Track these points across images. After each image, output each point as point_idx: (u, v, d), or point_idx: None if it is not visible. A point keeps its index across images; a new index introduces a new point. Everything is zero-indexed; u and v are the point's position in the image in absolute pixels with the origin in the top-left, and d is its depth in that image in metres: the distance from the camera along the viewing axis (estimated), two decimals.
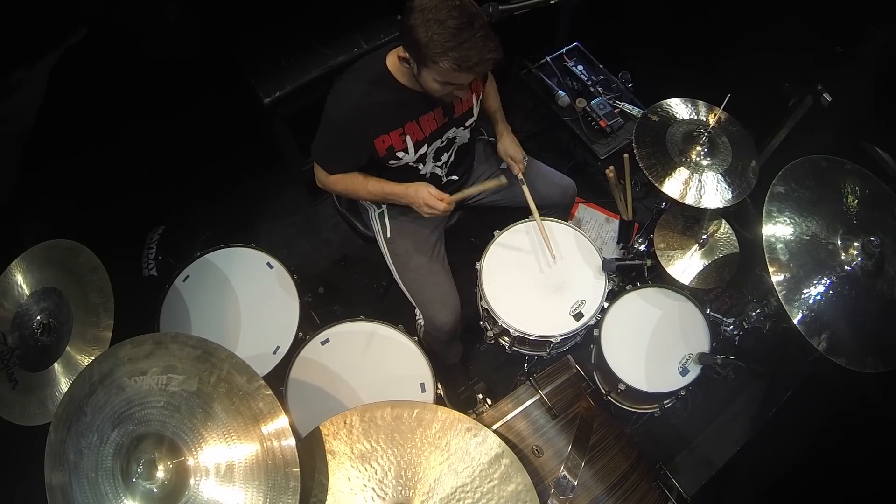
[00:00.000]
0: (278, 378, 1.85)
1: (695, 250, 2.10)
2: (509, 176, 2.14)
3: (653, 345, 1.98)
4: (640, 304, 2.06)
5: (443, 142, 1.93)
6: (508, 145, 2.08)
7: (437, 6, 1.51)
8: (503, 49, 1.59)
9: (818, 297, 1.57)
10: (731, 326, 2.04)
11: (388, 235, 2.10)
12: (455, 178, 2.09)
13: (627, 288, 2.08)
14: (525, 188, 2.07)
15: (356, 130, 1.77)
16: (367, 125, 1.77)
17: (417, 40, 1.54)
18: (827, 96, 2.32)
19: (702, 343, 1.97)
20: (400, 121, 1.80)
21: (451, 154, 2.00)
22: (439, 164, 1.98)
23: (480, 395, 1.86)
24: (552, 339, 1.94)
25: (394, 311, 2.24)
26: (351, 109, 1.75)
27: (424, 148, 1.88)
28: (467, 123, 1.94)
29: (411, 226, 2.09)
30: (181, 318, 1.98)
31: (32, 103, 1.99)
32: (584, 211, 2.85)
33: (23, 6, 1.82)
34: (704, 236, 2.08)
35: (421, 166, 1.94)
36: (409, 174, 1.94)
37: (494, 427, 1.69)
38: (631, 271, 2.17)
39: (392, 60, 1.75)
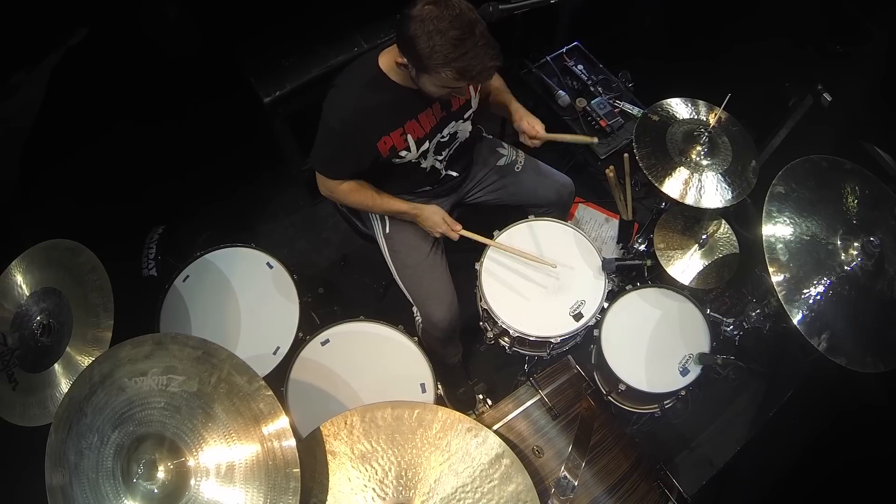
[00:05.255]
0: (278, 378, 1.85)
1: (695, 250, 2.10)
2: (509, 176, 2.14)
3: (653, 345, 1.98)
4: (640, 304, 2.06)
5: (444, 136, 1.92)
6: (525, 114, 1.96)
7: (437, 16, 1.49)
8: (503, 51, 1.59)
9: (818, 297, 1.57)
10: (731, 326, 2.04)
11: (388, 231, 2.10)
12: (454, 173, 2.09)
13: (627, 288, 2.08)
14: (556, 136, 1.94)
15: (357, 136, 1.76)
16: (367, 129, 1.76)
17: (418, 51, 1.53)
18: (827, 96, 2.33)
19: (702, 343, 1.97)
20: (399, 120, 1.79)
21: (452, 149, 2.01)
22: (440, 158, 1.98)
23: (481, 396, 1.86)
24: (552, 340, 1.94)
25: (394, 312, 2.24)
26: (349, 115, 1.74)
27: (426, 144, 1.88)
28: (466, 115, 1.94)
29: (410, 222, 2.09)
30: (181, 318, 1.98)
31: (33, 103, 1.99)
32: (583, 211, 2.85)
33: (23, 7, 1.82)
34: (704, 236, 2.08)
35: (423, 161, 1.94)
36: (411, 170, 1.95)
37: (495, 427, 1.69)
38: (631, 271, 2.17)
39: (385, 61, 1.73)
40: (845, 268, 1.60)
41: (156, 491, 1.27)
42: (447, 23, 1.49)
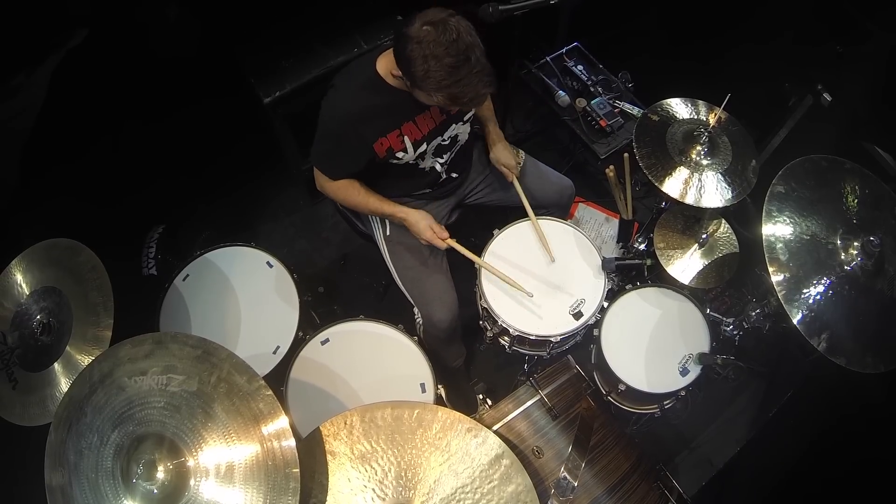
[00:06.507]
0: (278, 378, 1.85)
1: (694, 250, 2.10)
2: (505, 187, 2.14)
3: (653, 345, 1.98)
4: (639, 303, 2.05)
5: (445, 140, 1.93)
6: (500, 153, 2.08)
7: (434, 40, 1.50)
8: (503, 52, 1.59)
9: (818, 296, 1.56)
10: (731, 326, 2.03)
11: (388, 234, 2.10)
12: (454, 175, 2.09)
13: (627, 287, 2.08)
14: (519, 189, 2.06)
15: (354, 136, 1.77)
16: (363, 130, 1.76)
17: (413, 71, 1.54)
18: (827, 96, 2.33)
19: (702, 343, 1.97)
20: (396, 122, 1.80)
21: (454, 152, 2.01)
22: (440, 160, 1.98)
23: (481, 396, 1.86)
24: (552, 339, 1.94)
25: (394, 311, 2.23)
26: (346, 116, 1.74)
27: (424, 146, 1.88)
28: (466, 118, 1.94)
29: None
30: (181, 317, 1.98)
31: (34, 104, 1.99)
32: (583, 210, 2.85)
33: (23, 9, 1.82)
34: (704, 236, 2.08)
35: (420, 162, 1.94)
36: (409, 171, 1.95)
37: (495, 428, 1.69)
38: (631, 271, 2.17)
39: (383, 65, 1.74)
40: (845, 267, 1.60)
41: (155, 491, 1.27)
42: (443, 49, 1.50)
